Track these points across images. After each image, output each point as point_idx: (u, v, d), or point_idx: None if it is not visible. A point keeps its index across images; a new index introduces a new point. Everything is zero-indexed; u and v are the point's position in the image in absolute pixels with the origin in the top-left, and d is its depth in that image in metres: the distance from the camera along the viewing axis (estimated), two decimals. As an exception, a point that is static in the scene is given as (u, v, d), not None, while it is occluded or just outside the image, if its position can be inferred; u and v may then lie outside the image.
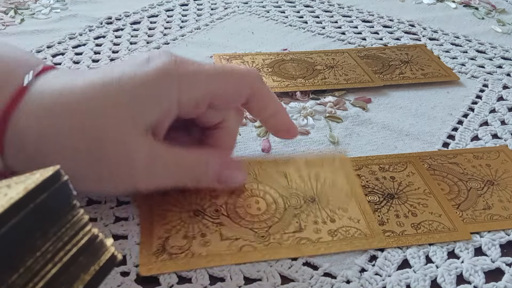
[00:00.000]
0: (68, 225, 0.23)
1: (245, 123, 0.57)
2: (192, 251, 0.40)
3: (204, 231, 0.41)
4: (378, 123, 0.58)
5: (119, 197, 0.46)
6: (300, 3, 0.91)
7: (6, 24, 0.79)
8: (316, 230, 0.42)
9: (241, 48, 0.74)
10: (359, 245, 0.41)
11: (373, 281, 0.39)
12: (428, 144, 0.55)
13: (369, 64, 0.69)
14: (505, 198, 0.47)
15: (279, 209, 0.44)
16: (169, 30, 0.79)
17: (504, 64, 0.72)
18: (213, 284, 0.38)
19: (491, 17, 0.87)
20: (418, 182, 0.48)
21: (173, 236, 0.41)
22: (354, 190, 0.46)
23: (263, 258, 0.40)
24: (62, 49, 0.72)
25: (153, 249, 0.40)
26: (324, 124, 0.58)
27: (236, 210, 0.43)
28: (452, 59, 0.73)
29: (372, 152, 0.53)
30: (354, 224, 0.43)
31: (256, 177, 0.47)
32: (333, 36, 0.79)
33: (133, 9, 0.85)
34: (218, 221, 0.42)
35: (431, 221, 0.44)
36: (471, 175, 0.50)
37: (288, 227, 0.42)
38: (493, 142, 0.55)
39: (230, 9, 0.87)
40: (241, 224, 0.42)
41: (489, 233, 0.43)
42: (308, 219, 0.43)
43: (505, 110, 0.61)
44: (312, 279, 0.39)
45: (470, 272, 0.40)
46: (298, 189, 0.46)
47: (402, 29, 0.82)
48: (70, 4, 0.87)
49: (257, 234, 0.41)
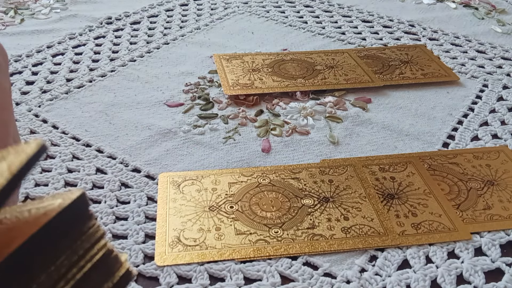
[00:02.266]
0: (83, 237, 0.21)
1: (245, 123, 0.57)
2: (206, 244, 0.41)
3: (219, 225, 0.42)
4: (378, 123, 0.58)
5: (119, 197, 0.47)
6: (300, 3, 0.91)
7: (6, 24, 0.79)
8: (330, 227, 0.43)
9: (241, 48, 0.74)
10: (372, 242, 0.41)
11: (373, 281, 0.39)
12: (428, 144, 0.55)
13: (369, 64, 0.69)
14: (505, 198, 0.47)
15: (293, 207, 0.45)
16: (169, 30, 0.79)
17: (504, 64, 0.72)
18: (213, 284, 0.38)
19: (491, 17, 0.87)
20: (418, 182, 0.48)
21: (188, 228, 0.42)
22: (367, 191, 0.47)
23: (276, 252, 0.40)
24: (62, 49, 0.72)
25: (168, 241, 0.41)
26: (324, 124, 0.58)
27: (251, 207, 0.44)
28: (452, 59, 0.73)
29: (372, 152, 0.53)
30: (368, 223, 0.43)
31: (270, 181, 0.48)
32: (333, 36, 0.79)
33: (133, 9, 0.85)
34: (232, 216, 0.43)
35: (431, 221, 0.44)
36: (471, 175, 0.50)
37: (302, 224, 0.43)
38: (493, 142, 0.55)
39: (230, 9, 0.87)
40: (255, 220, 0.43)
41: (489, 233, 0.43)
42: (322, 216, 0.44)
43: (505, 110, 0.61)
44: (312, 279, 0.39)
45: (470, 272, 0.40)
46: (311, 192, 0.47)
47: (402, 29, 0.82)
48: (70, 4, 0.87)
49: (271, 229, 0.42)
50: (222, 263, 0.39)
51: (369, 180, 0.48)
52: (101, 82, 0.65)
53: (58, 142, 0.53)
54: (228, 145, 0.54)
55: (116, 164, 0.51)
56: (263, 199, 0.45)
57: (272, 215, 0.44)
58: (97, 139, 0.54)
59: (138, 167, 0.50)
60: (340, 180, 0.48)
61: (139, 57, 0.71)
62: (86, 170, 0.50)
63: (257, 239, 0.41)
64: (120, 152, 0.52)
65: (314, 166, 0.50)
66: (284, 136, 0.56)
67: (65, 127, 0.56)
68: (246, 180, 0.48)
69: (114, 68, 0.68)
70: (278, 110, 0.60)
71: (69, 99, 0.61)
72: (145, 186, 0.48)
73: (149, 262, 0.40)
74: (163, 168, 0.50)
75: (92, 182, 0.48)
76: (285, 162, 0.52)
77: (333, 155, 0.53)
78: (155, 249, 0.40)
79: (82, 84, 0.64)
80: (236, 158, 0.52)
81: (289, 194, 0.46)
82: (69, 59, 0.70)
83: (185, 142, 0.54)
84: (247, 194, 0.46)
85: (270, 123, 0.57)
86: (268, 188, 0.47)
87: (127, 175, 0.49)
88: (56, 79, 0.65)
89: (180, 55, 0.72)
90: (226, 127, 0.57)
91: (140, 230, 0.43)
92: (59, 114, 0.58)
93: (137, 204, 0.46)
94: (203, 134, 0.55)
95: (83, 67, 0.68)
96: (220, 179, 0.48)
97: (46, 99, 0.61)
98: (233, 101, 0.61)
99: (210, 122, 0.57)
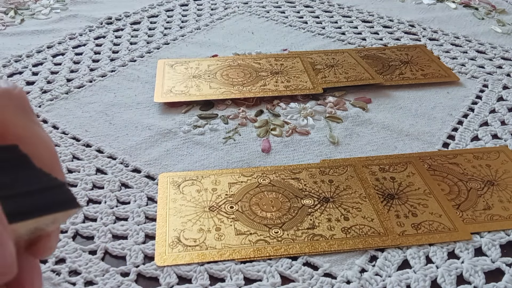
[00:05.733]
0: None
1: (245, 123, 0.57)
2: (206, 244, 0.41)
3: (219, 225, 0.42)
4: (378, 123, 0.58)
5: (119, 197, 0.47)
6: (300, 3, 0.91)
7: (6, 24, 0.79)
8: (330, 228, 0.43)
9: (241, 48, 0.74)
10: (372, 243, 0.41)
11: (373, 281, 0.39)
12: (428, 144, 0.55)
13: (369, 64, 0.69)
14: (505, 199, 0.47)
15: (293, 207, 0.45)
16: (169, 30, 0.79)
17: (504, 64, 0.72)
18: (213, 285, 0.38)
19: (491, 18, 0.87)
20: (418, 183, 0.48)
21: (188, 229, 0.42)
22: (368, 192, 0.47)
23: (276, 253, 0.40)
24: (62, 49, 0.72)
25: (168, 241, 0.41)
26: (324, 124, 0.58)
27: (251, 207, 0.44)
28: (452, 59, 0.73)
29: (372, 152, 0.53)
30: (368, 223, 0.43)
31: (270, 182, 0.48)
32: (333, 36, 0.79)
33: (133, 9, 0.85)
34: (232, 216, 0.43)
35: (431, 221, 0.44)
36: (471, 176, 0.50)
37: (302, 224, 0.43)
38: (493, 143, 0.55)
39: (230, 9, 0.87)
40: (255, 220, 0.43)
41: (489, 233, 0.43)
42: (322, 217, 0.44)
43: (505, 110, 0.61)
44: (312, 279, 0.39)
45: (470, 272, 0.40)
46: (312, 192, 0.47)
47: (402, 29, 0.82)
48: (70, 5, 0.87)
49: (271, 229, 0.42)
50: (222, 264, 0.39)
51: (369, 180, 0.48)
52: (101, 82, 0.65)
53: (58, 143, 0.53)
54: (228, 145, 0.54)
55: (116, 164, 0.51)
56: (263, 199, 0.45)
57: (272, 215, 0.44)
58: (97, 139, 0.54)
59: (138, 167, 0.50)
60: (340, 180, 0.48)
61: (139, 57, 0.71)
62: (86, 170, 0.50)
63: (257, 239, 0.41)
64: (120, 152, 0.52)
65: (314, 166, 0.50)
66: (284, 136, 0.56)
67: (65, 127, 0.56)
68: (246, 180, 0.48)
69: (114, 68, 0.68)
70: (278, 110, 0.60)
71: (69, 99, 0.61)
72: (145, 186, 0.48)
73: (149, 263, 0.40)
74: (163, 168, 0.50)
75: (92, 182, 0.48)
76: (285, 162, 0.52)
77: (333, 155, 0.53)
78: (155, 250, 0.40)
79: (82, 84, 0.64)
80: (236, 158, 0.52)
81: (289, 194, 0.46)
82: (69, 59, 0.70)
83: (185, 142, 0.54)
84: (247, 195, 0.46)
85: (270, 123, 0.57)
86: (268, 188, 0.47)
87: (127, 176, 0.49)
88: (56, 79, 0.65)
89: (180, 55, 0.72)
90: (226, 127, 0.57)
91: (140, 230, 0.43)
92: (59, 114, 0.58)
93: (137, 204, 0.46)
94: (203, 134, 0.55)
95: (83, 67, 0.68)
96: (220, 179, 0.48)
97: (46, 99, 0.61)
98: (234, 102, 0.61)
99: (210, 122, 0.57)
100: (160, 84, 0.63)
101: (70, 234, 0.43)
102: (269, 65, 0.68)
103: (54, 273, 0.39)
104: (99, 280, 0.38)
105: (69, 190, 0.21)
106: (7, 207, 0.18)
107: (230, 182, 0.47)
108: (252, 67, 0.68)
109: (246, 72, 0.66)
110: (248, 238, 0.41)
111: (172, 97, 0.61)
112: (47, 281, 0.38)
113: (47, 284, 0.38)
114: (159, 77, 0.65)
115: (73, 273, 0.39)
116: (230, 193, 0.46)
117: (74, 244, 0.42)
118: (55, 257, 0.40)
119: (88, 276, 0.39)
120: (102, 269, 0.39)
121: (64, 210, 0.21)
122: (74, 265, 0.40)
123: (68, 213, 0.21)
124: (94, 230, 0.43)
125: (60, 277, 0.39)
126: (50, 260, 0.40)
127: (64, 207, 0.21)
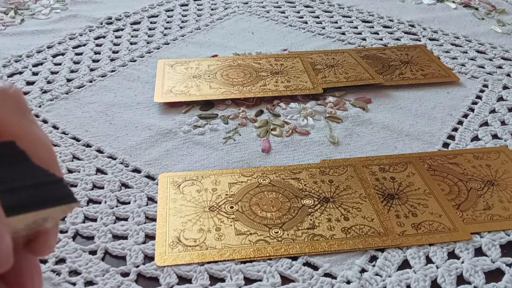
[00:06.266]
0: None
1: (245, 123, 0.57)
2: (206, 244, 0.41)
3: (219, 225, 0.42)
4: (378, 123, 0.58)
5: (119, 197, 0.47)
6: (300, 3, 0.91)
7: (6, 24, 0.79)
8: (330, 228, 0.43)
9: (241, 48, 0.74)
10: (372, 243, 0.41)
11: (373, 281, 0.39)
12: (428, 145, 0.55)
13: (369, 64, 0.69)
14: (505, 199, 0.47)
15: (293, 207, 0.45)
16: (169, 30, 0.79)
17: (504, 64, 0.72)
18: (213, 285, 0.38)
19: (491, 18, 0.87)
20: (418, 183, 0.48)
21: (188, 229, 0.42)
22: (368, 192, 0.47)
23: (276, 253, 0.40)
24: (63, 49, 0.72)
25: (168, 241, 0.41)
26: (324, 124, 0.58)
27: (251, 207, 0.44)
28: (452, 59, 0.73)
29: (372, 152, 0.53)
30: (368, 223, 0.43)
31: (270, 182, 0.48)
32: (333, 36, 0.79)
33: (133, 9, 0.85)
34: (233, 216, 0.43)
35: (431, 222, 0.44)
36: (471, 176, 0.50)
37: (302, 224, 0.43)
38: (493, 143, 0.55)
39: (230, 10, 0.87)
40: (255, 220, 0.43)
41: (489, 233, 0.43)
42: (322, 217, 0.44)
43: (505, 110, 0.61)
44: (312, 279, 0.39)
45: (470, 272, 0.40)
46: (312, 192, 0.47)
47: (402, 29, 0.82)
48: (70, 5, 0.87)
49: (271, 229, 0.42)
50: (222, 264, 0.39)
51: (369, 180, 0.48)
52: (101, 82, 0.65)
53: (58, 143, 0.53)
54: (228, 145, 0.54)
55: (116, 164, 0.51)
56: (263, 199, 0.45)
57: (272, 216, 0.44)
58: (97, 139, 0.54)
59: (138, 167, 0.50)
60: (340, 180, 0.48)
61: (139, 57, 0.71)
62: (86, 170, 0.50)
63: (257, 240, 0.41)
64: (120, 152, 0.52)
65: (314, 166, 0.50)
66: (284, 136, 0.56)
67: (65, 127, 0.56)
68: (246, 180, 0.48)
69: (114, 68, 0.68)
70: (278, 110, 0.60)
71: (69, 99, 0.61)
72: (145, 186, 0.48)
73: (149, 263, 0.40)
74: (163, 168, 0.50)
75: (92, 182, 0.48)
76: (285, 162, 0.52)
77: (333, 155, 0.53)
78: (155, 250, 0.40)
79: (83, 84, 0.64)
80: (236, 158, 0.52)
81: (289, 194, 0.46)
82: (69, 59, 0.70)
83: (185, 142, 0.54)
84: (247, 195, 0.46)
85: (270, 123, 0.57)
86: (268, 188, 0.47)
87: (127, 176, 0.49)
88: (56, 79, 0.65)
89: (180, 55, 0.72)
90: (226, 127, 0.57)
91: (140, 230, 0.43)
92: (59, 114, 0.58)
93: (137, 204, 0.46)
94: (203, 134, 0.55)
95: (83, 67, 0.68)
96: (220, 179, 0.48)
97: (46, 99, 0.61)
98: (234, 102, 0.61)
99: (210, 122, 0.57)
100: (160, 84, 0.63)
101: (70, 234, 0.43)
102: (269, 65, 0.68)
103: (54, 273, 0.39)
104: (99, 280, 0.38)
105: (66, 185, 0.21)
106: (4, 201, 0.18)
107: (230, 182, 0.47)
108: (252, 67, 0.68)
109: (246, 72, 0.66)
110: (248, 238, 0.41)
111: (172, 97, 0.61)
112: (47, 281, 0.38)
113: (47, 284, 0.38)
114: (159, 77, 0.65)
115: (73, 273, 0.39)
116: (230, 193, 0.46)
117: (74, 244, 0.42)
118: (55, 257, 0.40)
119: (88, 276, 0.39)
120: (102, 269, 0.39)
121: (61, 204, 0.21)
122: (74, 265, 0.40)
123: (65, 209, 0.21)
124: (94, 230, 0.43)
125: (60, 277, 0.39)
126: (50, 260, 0.40)
127: (61, 201, 0.21)
